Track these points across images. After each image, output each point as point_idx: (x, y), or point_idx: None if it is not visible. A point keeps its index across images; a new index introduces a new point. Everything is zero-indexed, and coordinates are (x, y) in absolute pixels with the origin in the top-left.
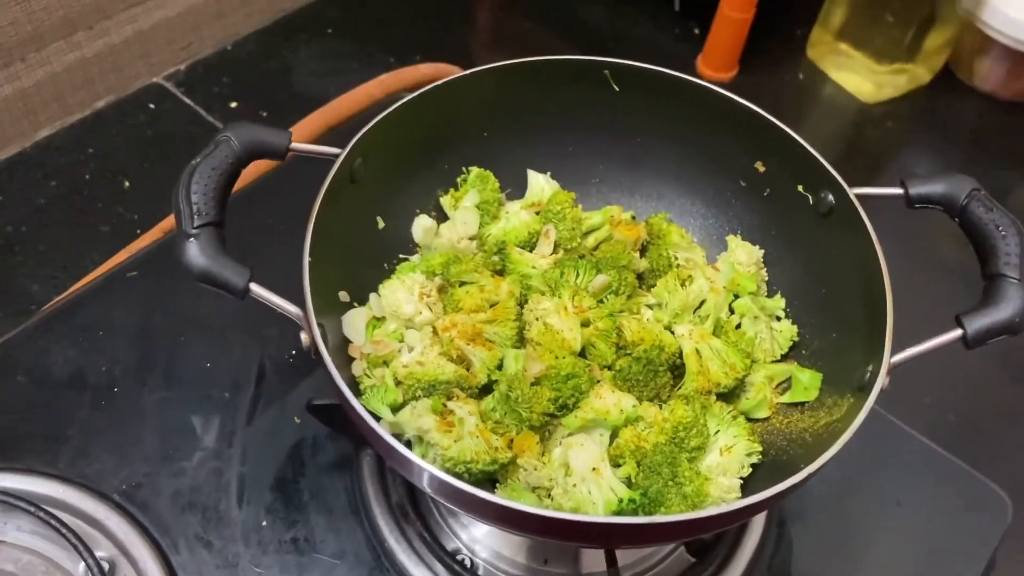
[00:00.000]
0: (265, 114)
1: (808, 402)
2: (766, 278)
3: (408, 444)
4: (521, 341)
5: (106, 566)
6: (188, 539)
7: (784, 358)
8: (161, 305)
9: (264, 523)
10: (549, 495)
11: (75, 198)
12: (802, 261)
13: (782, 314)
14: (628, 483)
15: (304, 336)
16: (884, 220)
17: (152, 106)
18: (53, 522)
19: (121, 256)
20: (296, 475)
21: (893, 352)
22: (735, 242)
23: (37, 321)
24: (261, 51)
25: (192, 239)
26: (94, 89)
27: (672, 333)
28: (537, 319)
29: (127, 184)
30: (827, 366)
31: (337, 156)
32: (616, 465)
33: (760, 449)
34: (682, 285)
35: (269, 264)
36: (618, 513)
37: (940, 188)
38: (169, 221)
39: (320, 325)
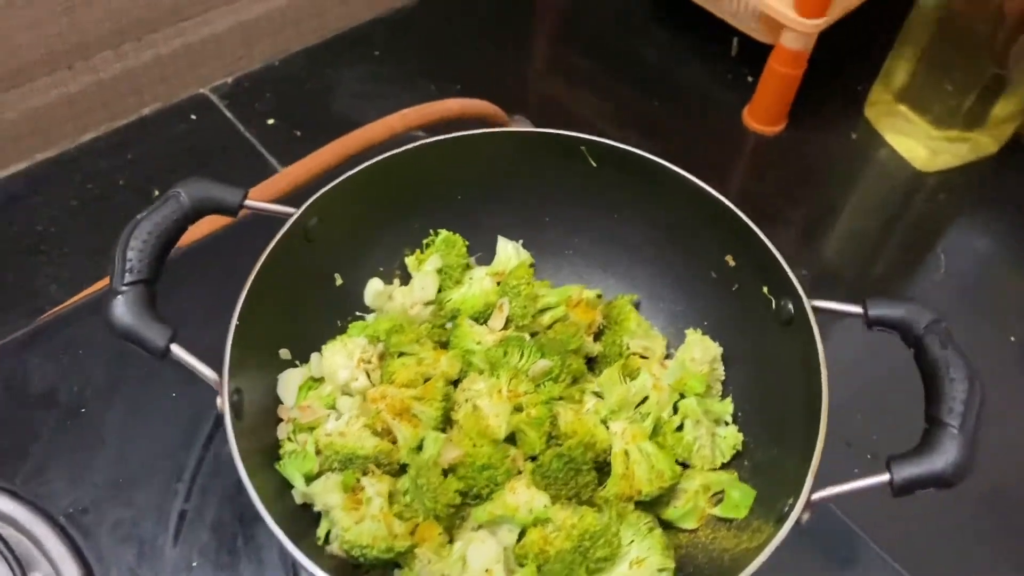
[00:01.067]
0: (299, 133)
1: (736, 520)
2: (721, 377)
3: (319, 515)
4: (448, 422)
5: None
6: (120, 571)
7: (726, 466)
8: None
9: (195, 563)
10: None
11: (105, 203)
12: (758, 367)
13: (729, 419)
14: None
15: (219, 401)
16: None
17: (194, 117)
18: None
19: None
20: (234, 519)
21: (817, 487)
22: (693, 337)
23: (24, 333)
24: (307, 69)
25: (119, 296)
26: (141, 97)
27: (608, 428)
28: (467, 400)
29: (156, 193)
30: (763, 484)
31: (290, 216)
32: (520, 565)
33: (672, 566)
34: (628, 378)
35: (212, 321)
36: None
37: (899, 313)
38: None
39: (237, 391)
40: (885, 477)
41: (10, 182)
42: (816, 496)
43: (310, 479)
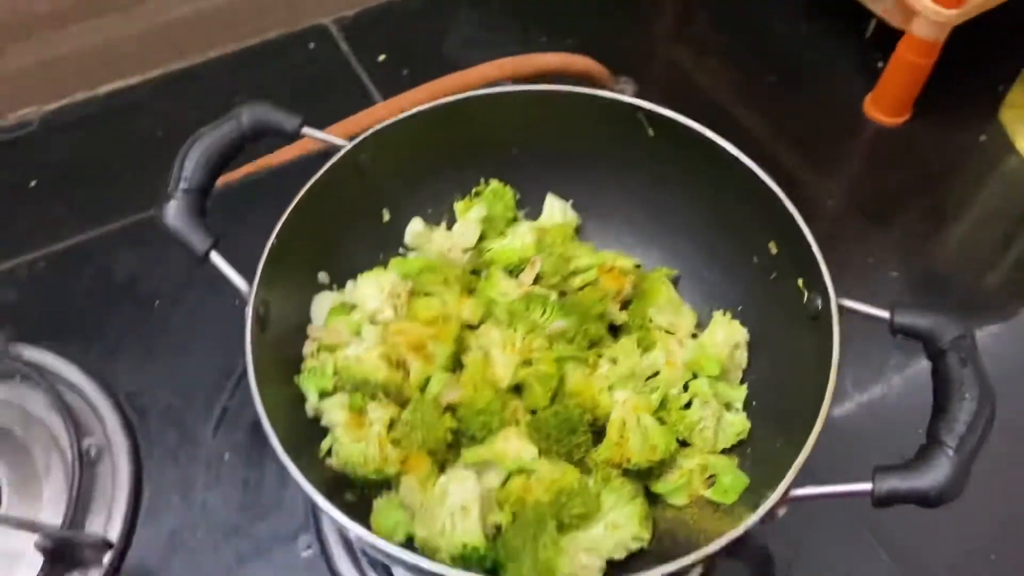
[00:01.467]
0: (406, 72)
1: (724, 504)
2: (743, 364)
3: (325, 431)
4: (459, 365)
5: (93, 452)
6: (162, 450)
7: (729, 451)
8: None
9: (227, 456)
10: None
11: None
12: (780, 359)
13: (740, 406)
14: (497, 530)
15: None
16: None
17: (312, 46)
18: (61, 404)
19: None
20: None
21: (797, 484)
22: (719, 319)
23: (120, 227)
24: (425, 10)
25: (172, 201)
26: (265, 21)
27: (612, 395)
28: (479, 347)
29: None
30: (759, 475)
31: (342, 148)
32: (499, 509)
33: (648, 537)
34: (644, 351)
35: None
36: (460, 557)
37: (925, 324)
38: (267, 159)
39: (265, 304)
40: (867, 486)
41: (139, 89)
42: (795, 493)
43: (323, 396)
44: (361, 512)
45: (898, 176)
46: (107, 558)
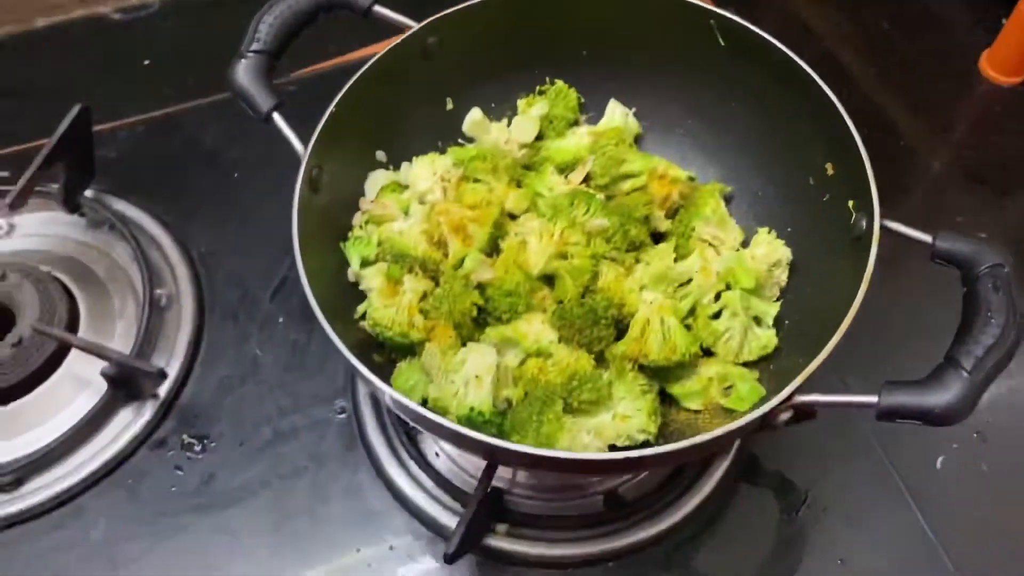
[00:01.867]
0: None
1: (736, 413)
2: (781, 283)
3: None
4: (496, 249)
5: (164, 300)
6: (224, 307)
7: (752, 365)
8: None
9: (281, 320)
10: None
11: None
12: (820, 281)
13: (770, 321)
14: (509, 404)
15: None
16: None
17: None
18: (140, 254)
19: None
20: None
21: (801, 391)
22: (763, 235)
23: (211, 102)
24: None
25: (243, 60)
26: None
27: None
28: (517, 234)
29: None
30: (774, 390)
31: (410, 29)
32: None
33: (654, 431)
34: (681, 258)
35: None
36: (465, 419)
37: (965, 249)
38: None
39: (319, 167)
40: (873, 399)
41: None
42: (799, 399)
43: (365, 264)
44: (386, 372)
45: (1006, 136)
46: (163, 390)
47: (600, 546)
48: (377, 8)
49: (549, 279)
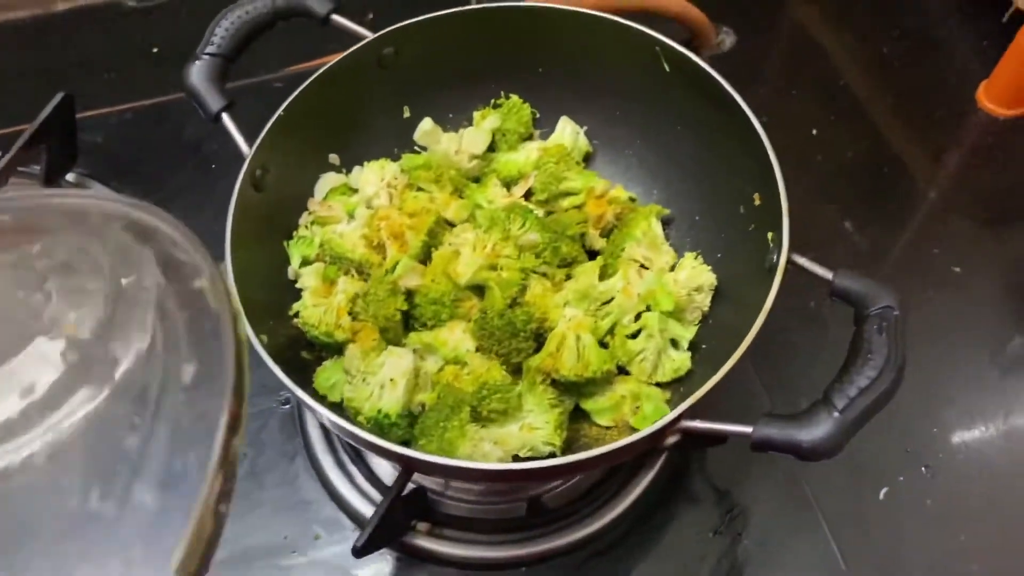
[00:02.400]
0: None
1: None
2: (703, 307)
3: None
4: (430, 257)
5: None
6: None
7: (665, 386)
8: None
9: None
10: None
11: None
12: (739, 310)
13: (685, 345)
14: (421, 408)
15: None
16: None
17: None
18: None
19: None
20: None
21: (692, 418)
22: (688, 260)
23: None
24: None
25: (197, 62)
26: None
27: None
28: (451, 243)
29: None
30: None
31: (364, 38)
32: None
33: (558, 444)
34: (603, 276)
35: None
36: (372, 420)
37: (860, 289)
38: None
39: (264, 167)
40: (748, 429)
41: None
42: (684, 424)
43: (305, 263)
44: (313, 369)
45: (994, 170)
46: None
47: (518, 550)
48: (335, 17)
49: (480, 289)
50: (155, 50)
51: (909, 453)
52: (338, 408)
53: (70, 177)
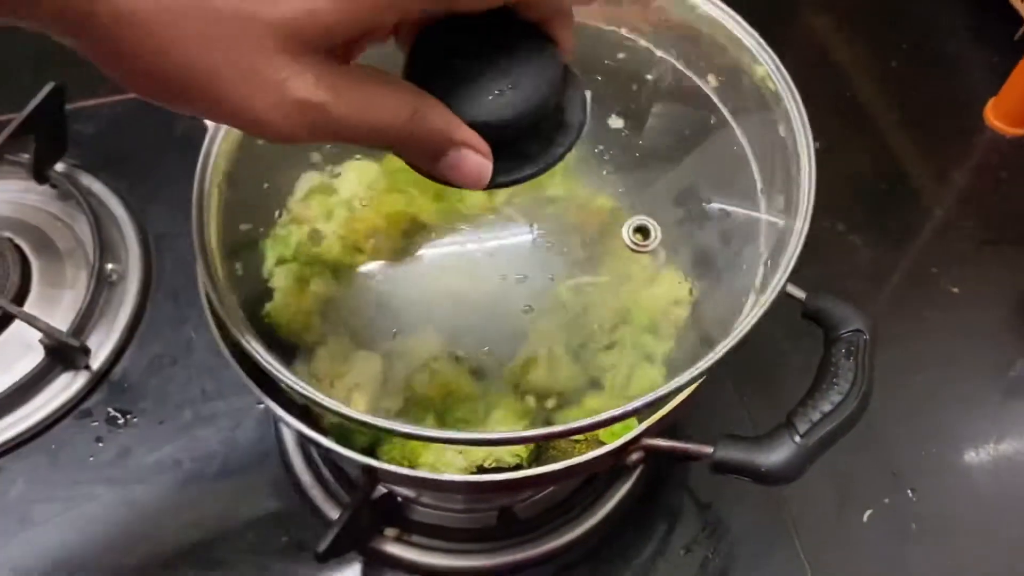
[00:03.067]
0: None
1: (607, 445)
2: (679, 322)
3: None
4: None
5: (114, 276)
6: (168, 289)
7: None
8: None
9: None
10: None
11: None
12: (714, 324)
13: (659, 359)
14: (387, 414)
15: None
16: None
17: None
18: (97, 229)
19: None
20: None
21: (656, 437)
22: (667, 275)
23: None
24: None
25: None
26: None
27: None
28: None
29: None
30: None
31: None
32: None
33: (524, 456)
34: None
35: None
36: (338, 425)
37: (831, 310)
38: None
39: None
40: (709, 449)
41: None
42: (646, 442)
43: (281, 263)
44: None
45: (998, 189)
46: (96, 363)
47: (488, 560)
48: None
49: None
50: None
51: (895, 475)
52: (306, 411)
53: (59, 167)
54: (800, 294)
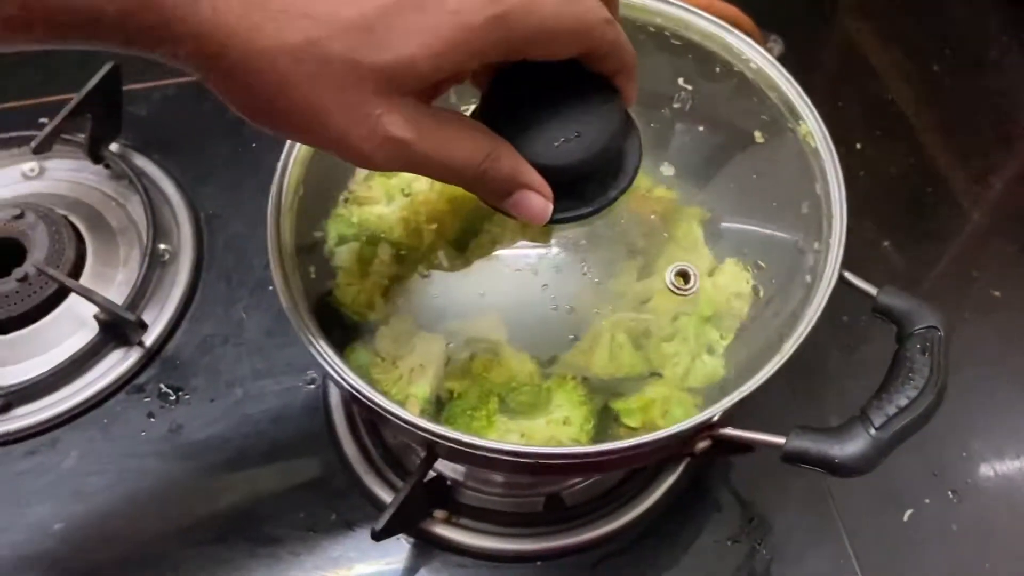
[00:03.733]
0: None
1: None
2: (743, 315)
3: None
4: (467, 244)
5: (166, 256)
6: (220, 269)
7: (698, 393)
8: None
9: (270, 288)
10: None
11: None
12: (775, 317)
13: (720, 350)
14: (449, 396)
15: None
16: None
17: None
18: (150, 208)
19: None
20: None
21: (728, 426)
22: (729, 266)
23: None
24: None
25: None
26: None
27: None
28: (488, 233)
29: None
30: None
31: None
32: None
33: (585, 441)
34: (644, 277)
35: None
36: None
37: (904, 307)
38: None
39: None
40: (781, 440)
41: None
42: (717, 431)
43: (342, 241)
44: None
45: None
46: (149, 340)
47: (534, 544)
48: None
49: None
50: None
51: (936, 477)
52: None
53: (114, 147)
54: (872, 290)
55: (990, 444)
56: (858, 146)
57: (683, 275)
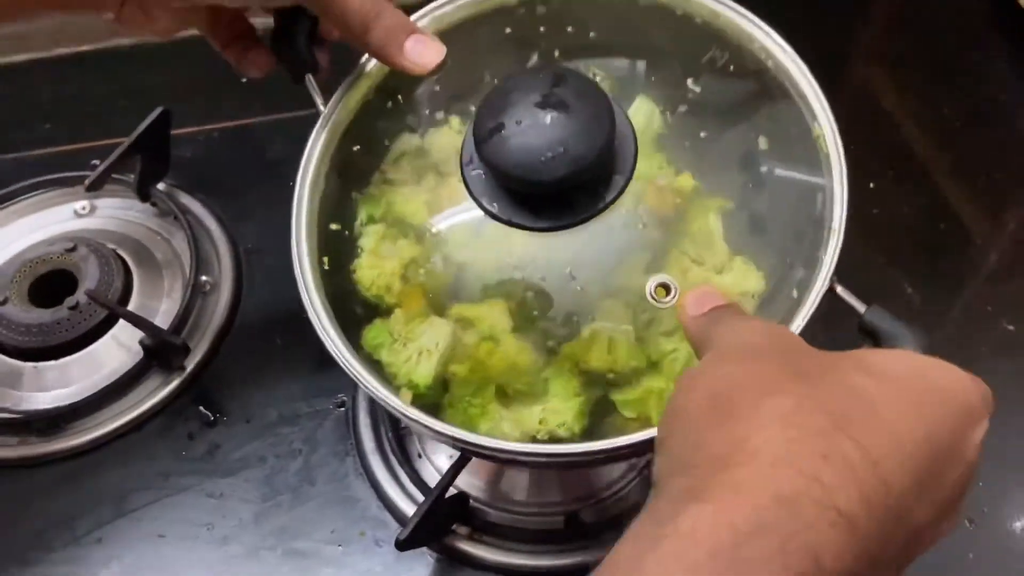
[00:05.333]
0: None
1: None
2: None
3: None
4: None
5: (208, 287)
6: (257, 299)
7: None
8: None
9: (304, 317)
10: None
11: None
12: (778, 320)
13: None
14: (453, 376)
15: None
16: None
17: None
18: (194, 242)
19: None
20: None
21: None
22: (737, 264)
23: (279, 118)
24: None
25: None
26: None
27: None
28: None
29: None
30: None
31: None
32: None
33: (577, 431)
34: (651, 270)
35: None
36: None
37: (887, 328)
38: None
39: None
40: None
41: None
42: None
43: (370, 222)
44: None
45: None
46: (190, 365)
47: (556, 560)
48: None
49: None
50: (243, 80)
51: None
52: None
53: (160, 187)
54: (860, 307)
55: (1008, 475)
56: (871, 185)
57: (664, 287)
